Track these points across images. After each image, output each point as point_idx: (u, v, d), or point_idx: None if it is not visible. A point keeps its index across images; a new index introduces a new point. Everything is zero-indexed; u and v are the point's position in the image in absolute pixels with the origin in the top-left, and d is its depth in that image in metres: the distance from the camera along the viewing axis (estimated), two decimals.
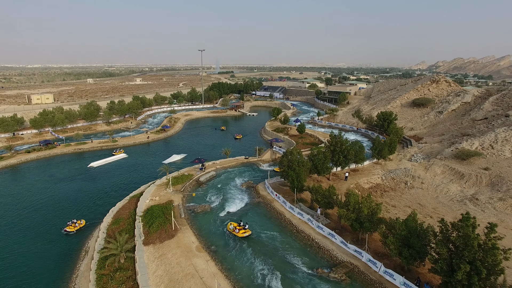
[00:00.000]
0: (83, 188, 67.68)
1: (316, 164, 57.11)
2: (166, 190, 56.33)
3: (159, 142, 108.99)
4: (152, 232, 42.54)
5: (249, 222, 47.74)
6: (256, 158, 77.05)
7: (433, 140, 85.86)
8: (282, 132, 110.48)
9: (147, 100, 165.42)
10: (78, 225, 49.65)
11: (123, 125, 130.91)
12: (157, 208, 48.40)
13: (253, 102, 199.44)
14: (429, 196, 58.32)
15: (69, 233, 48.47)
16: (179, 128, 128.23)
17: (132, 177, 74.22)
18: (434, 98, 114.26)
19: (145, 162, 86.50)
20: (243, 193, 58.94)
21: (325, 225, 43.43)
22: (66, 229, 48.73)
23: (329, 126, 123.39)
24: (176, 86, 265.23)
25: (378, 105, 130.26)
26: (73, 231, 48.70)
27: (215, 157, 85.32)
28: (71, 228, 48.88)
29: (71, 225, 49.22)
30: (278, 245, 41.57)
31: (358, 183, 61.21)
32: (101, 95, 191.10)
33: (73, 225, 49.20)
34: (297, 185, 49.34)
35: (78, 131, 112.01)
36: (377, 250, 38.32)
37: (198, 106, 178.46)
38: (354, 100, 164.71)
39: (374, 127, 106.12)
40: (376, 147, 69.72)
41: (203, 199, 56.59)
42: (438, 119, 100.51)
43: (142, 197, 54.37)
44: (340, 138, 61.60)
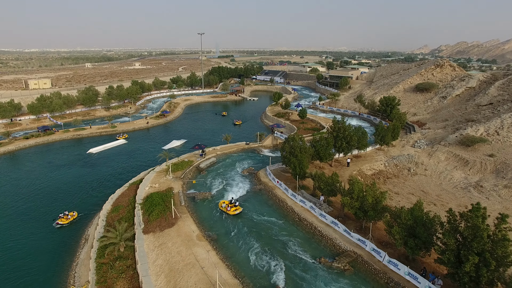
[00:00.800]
0: (82, 174, 66.93)
1: (319, 150, 56.06)
2: (166, 177, 55.53)
3: (159, 127, 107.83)
4: (152, 220, 41.91)
5: (250, 209, 47.15)
6: (257, 144, 76.07)
7: (437, 126, 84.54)
8: (283, 117, 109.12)
9: (146, 85, 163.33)
10: (70, 217, 47.63)
11: (122, 110, 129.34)
12: (157, 195, 47.66)
13: (254, 86, 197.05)
14: (432, 183, 57.54)
15: (62, 226, 46.52)
16: (179, 113, 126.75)
17: (132, 163, 73.44)
18: (438, 83, 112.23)
19: (144, 148, 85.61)
20: (244, 179, 58.19)
21: (328, 213, 42.74)
22: (59, 221, 46.65)
23: (330, 111, 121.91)
24: (176, 71, 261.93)
25: (381, 90, 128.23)
26: (66, 224, 46.76)
27: (215, 143, 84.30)
28: (64, 220, 46.88)
29: (63, 217, 47.20)
30: (280, 233, 40.97)
31: (361, 170, 60.35)
32: (99, 80, 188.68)
33: (65, 217, 47.23)
34: (299, 172, 48.47)
35: (77, 117, 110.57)
36: (381, 239, 37.69)
37: (198, 91, 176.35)
38: (356, 85, 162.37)
39: (376, 112, 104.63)
40: (379, 133, 68.50)
41: (204, 186, 55.78)
42: (442, 105, 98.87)
43: (142, 184, 53.62)
44: (343, 124, 60.34)
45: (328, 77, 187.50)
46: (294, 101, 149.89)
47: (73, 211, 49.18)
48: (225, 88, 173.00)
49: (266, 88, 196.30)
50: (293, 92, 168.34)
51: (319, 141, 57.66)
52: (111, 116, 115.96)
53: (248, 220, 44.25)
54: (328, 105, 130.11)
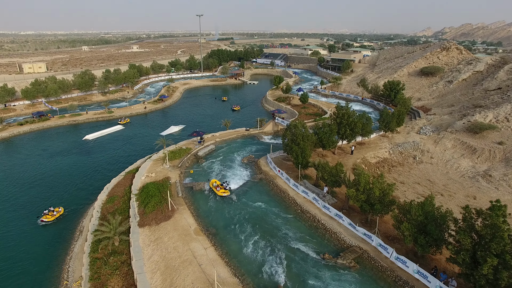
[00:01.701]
0: (78, 162, 65.07)
1: (321, 137, 53.89)
2: (162, 165, 53.53)
3: (157, 112, 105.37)
4: (147, 212, 40.13)
5: (251, 200, 45.34)
6: (257, 130, 73.77)
7: (443, 111, 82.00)
8: (284, 101, 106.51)
9: (144, 69, 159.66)
10: (56, 213, 44.18)
11: (120, 95, 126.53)
12: (153, 186, 45.76)
13: (254, 70, 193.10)
14: (438, 171, 55.60)
15: (47, 223, 42.94)
16: (178, 97, 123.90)
17: (129, 150, 71.53)
18: (443, 67, 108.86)
19: (142, 134, 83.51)
20: (244, 168, 56.23)
21: (332, 204, 40.94)
22: (43, 219, 43.00)
23: (332, 95, 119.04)
24: (174, 54, 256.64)
25: (384, 74, 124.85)
26: (51, 221, 43.30)
27: (214, 129, 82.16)
28: (49, 217, 43.30)
29: (48, 214, 43.70)
30: (282, 226, 39.23)
31: (365, 158, 58.33)
32: (96, 64, 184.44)
33: (50, 213, 43.87)
34: (302, 161, 46.41)
35: (73, 102, 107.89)
36: (387, 233, 35.98)
37: (197, 74, 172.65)
38: (359, 68, 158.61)
39: (380, 97, 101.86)
40: (383, 119, 66.16)
41: (202, 175, 53.75)
42: (448, 89, 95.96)
43: (138, 173, 51.71)
44: (347, 110, 57.88)
45: (329, 60, 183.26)
46: (295, 85, 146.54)
47: (59, 207, 45.81)
48: (225, 71, 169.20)
49: (267, 72, 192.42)
50: (294, 76, 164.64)
51: (322, 128, 55.40)
52: (108, 101, 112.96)
53: (248, 212, 42.55)
54: (330, 89, 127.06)
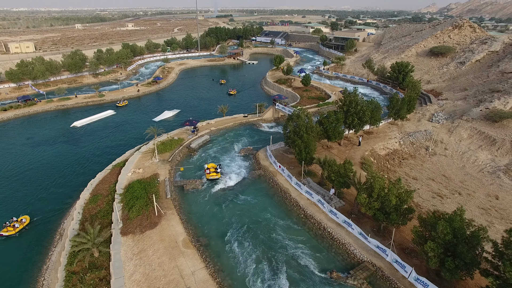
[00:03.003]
0: (63, 153, 60.39)
1: (327, 128, 48.86)
2: (151, 160, 48.65)
3: (151, 95, 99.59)
4: (132, 217, 35.67)
5: (248, 202, 40.76)
6: (256, 118, 68.36)
7: (455, 96, 76.43)
8: (284, 83, 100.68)
9: (138, 48, 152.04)
10: (19, 225, 37.96)
11: (112, 76, 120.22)
12: (139, 185, 41.07)
13: (253, 49, 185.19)
14: (454, 165, 50.90)
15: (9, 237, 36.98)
16: (173, 79, 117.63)
17: (118, 139, 66.73)
18: (455, 47, 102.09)
19: (134, 120, 78.40)
20: (241, 162, 51.39)
21: (339, 208, 36.49)
22: (2, 232, 36.93)
23: (336, 77, 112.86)
24: (171, 32, 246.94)
25: (391, 54, 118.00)
26: (13, 234, 37.27)
27: (210, 114, 77.08)
28: (10, 230, 37.23)
29: (9, 226, 37.72)
30: (283, 235, 34.65)
31: (374, 150, 53.47)
32: (88, 43, 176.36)
33: (11, 224, 37.82)
34: (305, 157, 41.53)
35: (61, 85, 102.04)
36: (404, 244, 31.61)
37: (193, 54, 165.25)
38: (363, 48, 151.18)
39: (386, 79, 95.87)
40: (393, 106, 60.82)
41: (194, 171, 48.64)
42: (460, 71, 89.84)
43: (124, 168, 47.00)
44: (355, 97, 52.50)
45: (332, 39, 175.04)
46: (296, 65, 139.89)
47: (21, 218, 39.65)
48: (223, 51, 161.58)
49: (267, 51, 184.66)
50: (295, 55, 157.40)
51: (327, 116, 50.26)
52: (98, 83, 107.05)
53: (245, 217, 37.97)
54: (333, 70, 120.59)
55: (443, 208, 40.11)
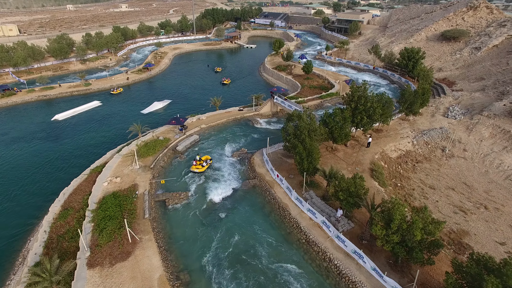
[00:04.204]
0: (40, 152, 54.70)
1: (333, 129, 42.67)
2: (131, 166, 42.58)
3: (141, 84, 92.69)
4: (102, 243, 29.97)
5: (240, 222, 34.86)
6: (253, 112, 61.66)
7: (471, 86, 69.67)
8: (284, 70, 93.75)
9: (130, 32, 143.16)
10: None
11: (101, 62, 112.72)
12: (114, 200, 35.15)
13: (252, 31, 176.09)
14: (475, 170, 44.95)
15: None
16: (166, 65, 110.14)
17: (101, 136, 60.83)
18: (469, 30, 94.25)
19: (121, 112, 72.18)
20: (234, 168, 45.08)
21: (348, 231, 30.80)
22: None
23: (339, 63, 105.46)
24: (166, 14, 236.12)
25: (398, 38, 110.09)
26: None
27: (203, 105, 70.82)
28: None
29: None
30: (280, 268, 29.03)
31: (384, 152, 47.40)
32: (78, 26, 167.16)
33: None
34: (308, 167, 35.43)
35: (43, 73, 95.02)
36: (427, 283, 25.99)
37: (189, 37, 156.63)
38: (367, 31, 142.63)
39: (394, 67, 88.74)
40: (406, 100, 54.39)
41: (178, 182, 42.12)
42: (475, 58, 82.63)
43: (101, 176, 41.05)
44: (365, 92, 46.00)
45: (335, 21, 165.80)
46: (297, 49, 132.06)
47: None
48: (219, 34, 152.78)
49: (266, 34, 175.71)
50: (295, 39, 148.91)
51: (332, 115, 43.99)
52: (84, 72, 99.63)
53: (235, 243, 32.13)
54: (336, 55, 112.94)
55: (468, 226, 34.47)
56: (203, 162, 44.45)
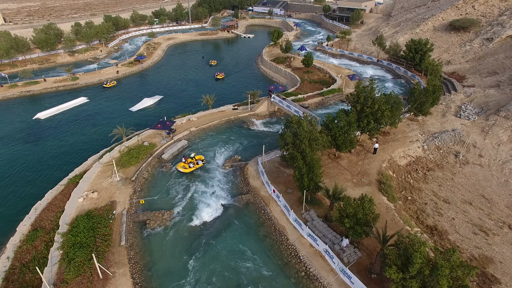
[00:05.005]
0: (18, 156, 50.81)
1: (336, 135, 38.07)
2: (111, 178, 38.04)
3: (132, 77, 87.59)
4: (69, 278, 25.63)
5: (231, 250, 30.34)
6: (248, 112, 56.61)
7: (483, 81, 64.76)
8: (283, 63, 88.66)
9: (122, 21, 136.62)
10: None
11: (91, 54, 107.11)
12: (87, 222, 30.65)
13: (250, 20, 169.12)
14: (494, 180, 40.55)
15: None
16: (159, 57, 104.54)
17: (87, 136, 56.84)
18: (479, 19, 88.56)
19: (108, 110, 67.72)
20: (225, 180, 40.16)
21: (354, 262, 26.56)
22: None
23: (341, 54, 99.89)
24: (161, 1, 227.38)
25: (403, 28, 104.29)
26: None
27: (195, 102, 66.37)
28: None
29: None
30: None
31: (392, 159, 42.85)
32: (68, 14, 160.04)
33: None
34: (308, 184, 30.85)
35: (29, 66, 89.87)
36: None
37: (184, 27, 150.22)
38: (370, 19, 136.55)
39: (399, 59, 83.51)
40: (415, 99, 49.67)
41: (162, 198, 37.16)
42: (486, 50, 77.35)
43: (77, 189, 36.56)
44: (372, 92, 41.20)
45: (336, 9, 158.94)
46: (296, 40, 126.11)
47: None
48: (216, 23, 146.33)
49: (264, 22, 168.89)
50: (295, 28, 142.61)
51: (336, 119, 39.37)
52: (71, 65, 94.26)
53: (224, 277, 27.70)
54: (337, 46, 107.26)
55: (491, 251, 30.27)
56: (195, 161, 41.67)
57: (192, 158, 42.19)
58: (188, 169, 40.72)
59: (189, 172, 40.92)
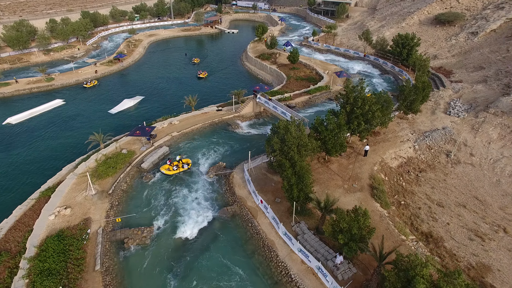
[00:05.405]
0: None
1: (326, 139, 36.19)
2: (86, 191, 35.17)
3: (111, 77, 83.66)
4: None
5: (216, 270, 28.04)
6: (232, 114, 54.14)
7: (470, 77, 64.02)
8: (268, 59, 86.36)
9: (101, 17, 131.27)
10: None
11: (68, 53, 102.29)
12: (58, 245, 27.82)
13: (233, 15, 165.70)
14: (486, 180, 39.52)
15: None
16: (140, 54, 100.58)
17: (62, 142, 53.40)
18: (464, 13, 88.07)
19: (86, 113, 64.22)
20: (209, 190, 37.54)
21: (349, 279, 24.81)
22: None
23: (327, 50, 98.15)
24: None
25: (389, 22, 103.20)
26: None
27: (177, 104, 63.40)
28: None
29: None
30: None
31: (384, 161, 41.34)
32: (43, 10, 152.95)
33: None
34: (298, 196, 28.83)
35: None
36: None
37: (166, 23, 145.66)
38: (356, 13, 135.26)
39: (386, 54, 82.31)
40: (405, 97, 48.29)
41: (141, 212, 34.21)
42: (472, 44, 76.79)
43: (48, 204, 33.58)
44: (362, 92, 39.41)
45: (321, 3, 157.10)
46: (281, 35, 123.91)
47: None
48: (199, 19, 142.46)
49: (248, 17, 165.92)
50: (280, 23, 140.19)
51: (325, 121, 37.46)
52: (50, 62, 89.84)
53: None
54: (323, 41, 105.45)
55: (489, 258, 29.04)
56: (181, 164, 40.51)
57: (178, 161, 40.71)
58: (172, 172, 39.58)
59: (172, 176, 39.73)
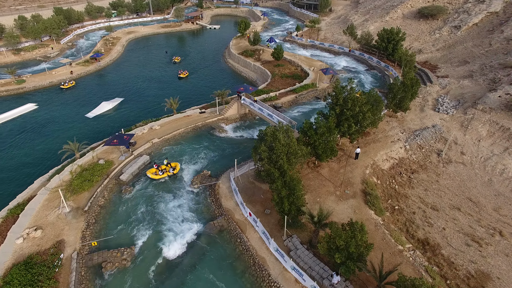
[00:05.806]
0: None
1: (316, 144, 34.41)
2: (59, 209, 32.28)
3: (88, 78, 79.58)
4: None
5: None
6: (216, 117, 51.60)
7: (456, 71, 63.52)
8: (252, 56, 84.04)
9: (76, 14, 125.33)
10: None
11: (40, 52, 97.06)
12: (24, 275, 24.84)
13: (215, 10, 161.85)
14: (478, 180, 38.71)
15: None
16: (118, 53, 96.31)
17: (35, 151, 50.02)
18: (446, 6, 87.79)
19: (61, 117, 60.67)
20: (194, 201, 35.14)
21: None
22: None
23: (311, 45, 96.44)
24: None
25: (373, 16, 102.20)
26: None
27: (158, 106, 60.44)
28: None
29: None
30: None
31: (375, 163, 39.94)
32: (11, 6, 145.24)
33: None
34: (289, 209, 26.90)
35: None
36: None
37: (145, 19, 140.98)
38: (339, 7, 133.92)
39: (372, 49, 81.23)
40: (394, 95, 47.03)
41: (121, 231, 31.52)
42: (455, 38, 76.47)
43: (16, 225, 30.48)
44: (352, 93, 37.76)
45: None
46: (264, 30, 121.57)
47: None
48: (179, 14, 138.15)
49: (230, 12, 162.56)
50: (262, 18, 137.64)
51: (314, 125, 35.67)
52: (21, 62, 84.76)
53: None
54: (307, 36, 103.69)
55: (487, 265, 28.03)
56: (168, 168, 39.13)
57: (167, 165, 39.40)
58: (158, 176, 38.35)
59: (158, 180, 38.45)
